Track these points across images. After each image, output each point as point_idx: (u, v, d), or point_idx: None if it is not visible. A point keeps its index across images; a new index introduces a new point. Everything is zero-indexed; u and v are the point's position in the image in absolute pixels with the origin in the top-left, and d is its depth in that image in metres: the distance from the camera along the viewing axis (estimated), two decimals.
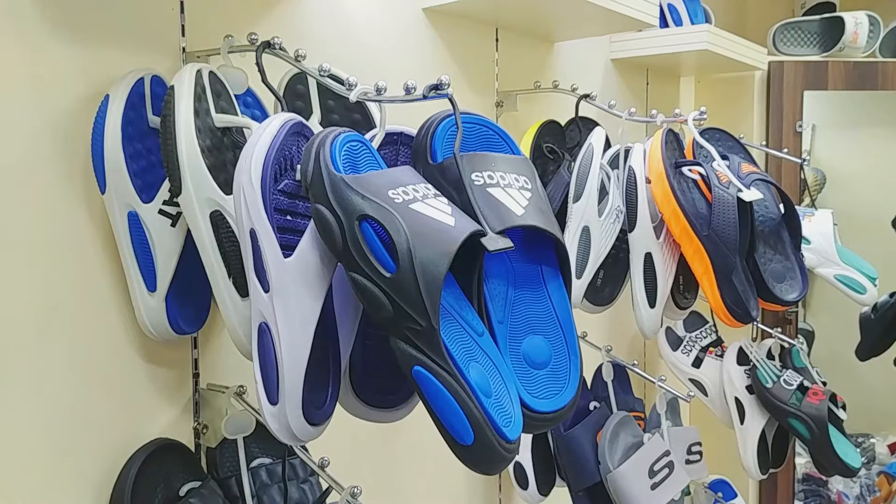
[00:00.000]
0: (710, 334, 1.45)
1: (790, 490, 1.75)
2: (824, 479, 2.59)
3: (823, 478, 2.60)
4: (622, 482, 0.93)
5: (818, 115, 1.88)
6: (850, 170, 2.05)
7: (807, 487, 2.42)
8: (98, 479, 0.66)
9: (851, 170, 2.05)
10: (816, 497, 2.45)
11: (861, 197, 1.99)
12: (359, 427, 0.86)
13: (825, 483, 2.56)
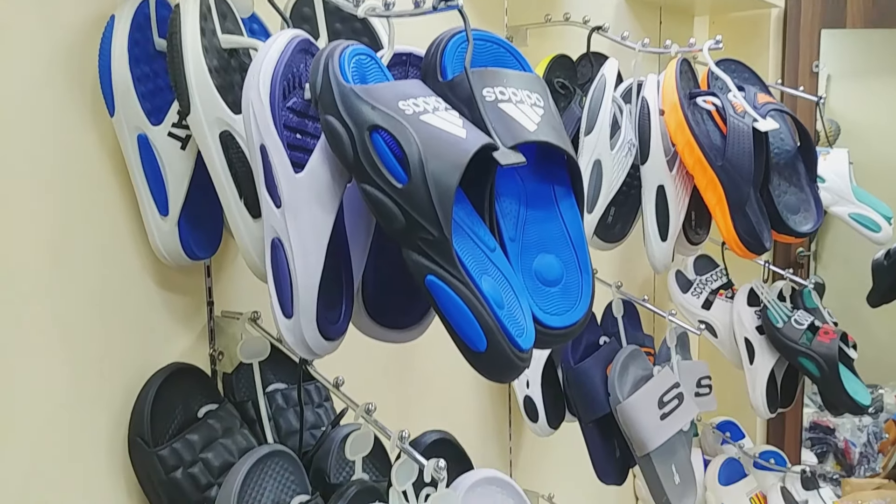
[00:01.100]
0: (720, 277, 1.45)
1: (798, 434, 1.77)
2: (831, 426, 2.61)
3: (830, 425, 2.62)
4: (632, 412, 0.94)
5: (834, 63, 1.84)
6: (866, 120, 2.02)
7: (813, 435, 2.43)
8: (117, 402, 0.67)
9: (867, 120, 2.02)
10: (823, 444, 2.47)
11: (877, 148, 1.97)
12: (371, 353, 0.87)
13: (832, 431, 2.58)
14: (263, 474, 0.65)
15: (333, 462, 0.70)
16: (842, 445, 2.47)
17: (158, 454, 0.65)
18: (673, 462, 0.99)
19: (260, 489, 0.64)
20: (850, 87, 1.99)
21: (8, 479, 0.59)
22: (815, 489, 1.40)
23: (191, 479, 0.66)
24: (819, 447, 2.41)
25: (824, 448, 2.45)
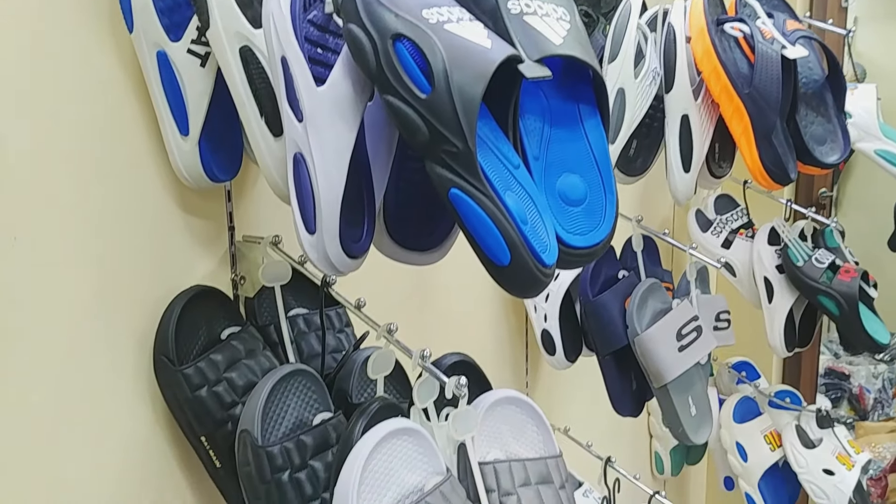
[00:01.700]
0: (740, 217, 1.44)
1: (813, 375, 1.77)
2: (846, 373, 2.62)
3: (846, 372, 2.63)
4: (650, 344, 0.94)
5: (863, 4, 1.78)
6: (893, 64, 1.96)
7: (828, 381, 2.44)
8: (141, 323, 0.68)
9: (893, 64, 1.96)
10: (838, 390, 2.47)
11: None
12: (389, 284, 0.87)
13: (847, 377, 2.58)
14: (287, 392, 0.65)
15: (355, 383, 0.70)
16: (856, 391, 2.48)
17: (183, 372, 0.66)
18: (690, 394, 0.99)
19: (283, 406, 0.65)
20: (877, 30, 1.93)
21: (36, 399, 0.60)
22: (829, 427, 1.40)
23: (215, 397, 0.67)
24: (833, 393, 2.42)
25: (839, 394, 2.45)
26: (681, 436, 0.99)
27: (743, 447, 1.40)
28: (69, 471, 0.62)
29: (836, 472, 1.34)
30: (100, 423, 0.65)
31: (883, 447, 2.00)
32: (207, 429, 0.67)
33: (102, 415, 0.65)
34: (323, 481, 0.63)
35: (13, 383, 0.58)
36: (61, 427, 0.62)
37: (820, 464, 1.35)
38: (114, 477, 0.66)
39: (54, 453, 0.61)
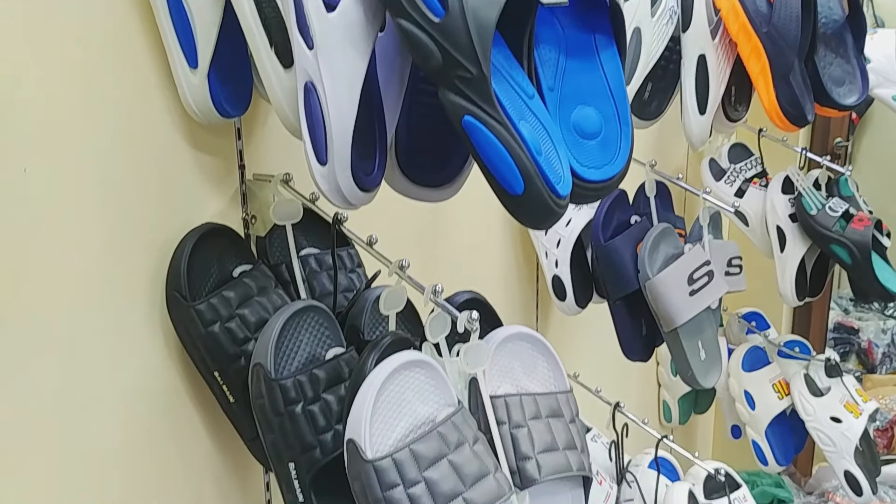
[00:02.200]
0: (754, 166, 1.42)
1: (823, 327, 1.77)
2: (855, 327, 2.62)
3: (855, 326, 2.63)
4: (661, 288, 0.94)
5: None
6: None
7: (837, 336, 2.44)
8: (153, 259, 0.68)
9: None
10: (847, 344, 2.48)
11: None
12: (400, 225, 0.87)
13: (856, 331, 2.58)
14: (299, 328, 0.66)
15: (367, 320, 0.71)
16: (865, 345, 2.48)
17: (196, 308, 0.67)
18: (700, 339, 0.99)
19: (296, 341, 0.66)
20: None
21: (48, 336, 0.60)
22: (837, 377, 1.41)
23: (228, 333, 0.67)
24: (842, 347, 2.42)
25: (847, 348, 2.46)
26: (690, 379, 0.99)
27: (751, 395, 1.41)
28: (82, 407, 0.63)
29: (843, 420, 1.35)
30: (113, 359, 0.65)
31: (890, 399, 2.01)
32: (220, 364, 0.68)
33: (115, 351, 0.66)
34: (336, 414, 0.64)
35: (24, 320, 0.59)
36: (74, 363, 0.62)
37: (827, 412, 1.36)
38: (128, 413, 0.67)
39: (67, 390, 0.62)
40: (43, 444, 0.61)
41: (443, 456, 0.57)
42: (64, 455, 0.62)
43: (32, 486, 0.60)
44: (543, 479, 0.61)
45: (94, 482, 0.64)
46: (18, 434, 0.59)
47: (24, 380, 0.59)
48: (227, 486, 0.78)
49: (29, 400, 0.59)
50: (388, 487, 0.55)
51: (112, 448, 0.66)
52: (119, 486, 0.67)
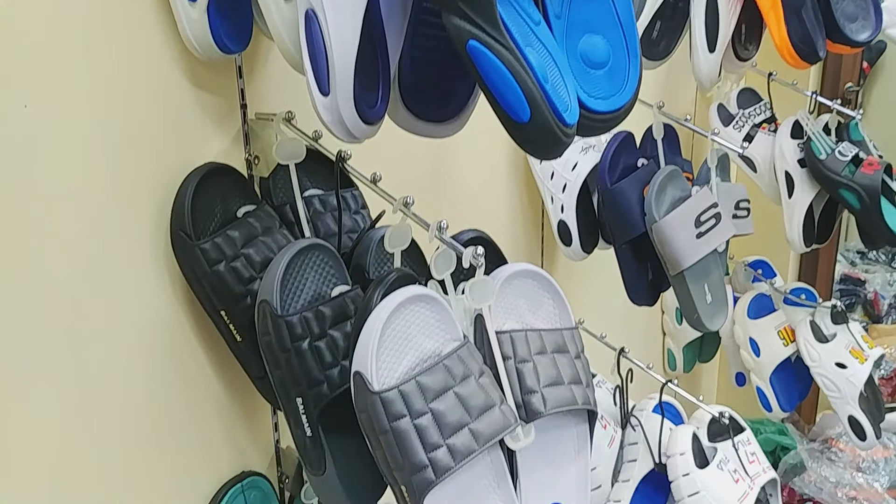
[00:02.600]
0: (763, 111, 1.40)
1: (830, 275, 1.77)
2: (862, 279, 2.61)
3: (861, 278, 2.62)
4: (667, 231, 0.94)
5: None
6: None
7: (844, 287, 2.44)
8: (156, 198, 0.68)
9: None
10: (853, 296, 2.48)
11: None
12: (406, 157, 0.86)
13: (862, 283, 2.58)
14: (304, 266, 0.66)
15: (372, 260, 0.70)
16: (871, 297, 2.48)
17: (201, 247, 0.67)
18: (706, 282, 0.99)
19: (301, 279, 0.65)
20: None
21: (52, 275, 0.60)
22: (843, 323, 1.41)
23: (233, 272, 0.67)
24: (848, 298, 2.42)
25: (853, 299, 2.46)
26: (696, 323, 0.99)
27: (756, 342, 1.42)
28: (89, 348, 0.63)
29: (848, 366, 1.35)
30: (118, 299, 0.66)
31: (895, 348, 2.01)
32: (227, 303, 0.68)
33: (121, 291, 0.66)
34: (342, 350, 0.64)
35: (28, 260, 0.58)
36: (79, 304, 0.62)
37: (833, 358, 1.36)
38: (134, 353, 0.67)
39: (74, 331, 0.62)
40: (50, 382, 0.61)
41: (449, 388, 0.57)
42: (71, 393, 0.63)
43: (39, 421, 0.61)
44: (549, 412, 0.61)
45: (100, 420, 0.65)
46: (27, 371, 0.59)
47: (32, 319, 0.59)
48: (236, 427, 0.79)
49: (36, 337, 0.60)
50: (394, 418, 0.55)
51: (119, 388, 0.66)
52: (126, 425, 0.67)
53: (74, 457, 0.64)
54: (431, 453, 0.55)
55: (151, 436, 0.70)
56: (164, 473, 0.72)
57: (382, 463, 0.57)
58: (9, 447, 0.59)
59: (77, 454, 0.64)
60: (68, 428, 0.63)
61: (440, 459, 0.55)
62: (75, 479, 0.64)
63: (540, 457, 0.64)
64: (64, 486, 0.63)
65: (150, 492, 0.70)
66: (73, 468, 0.64)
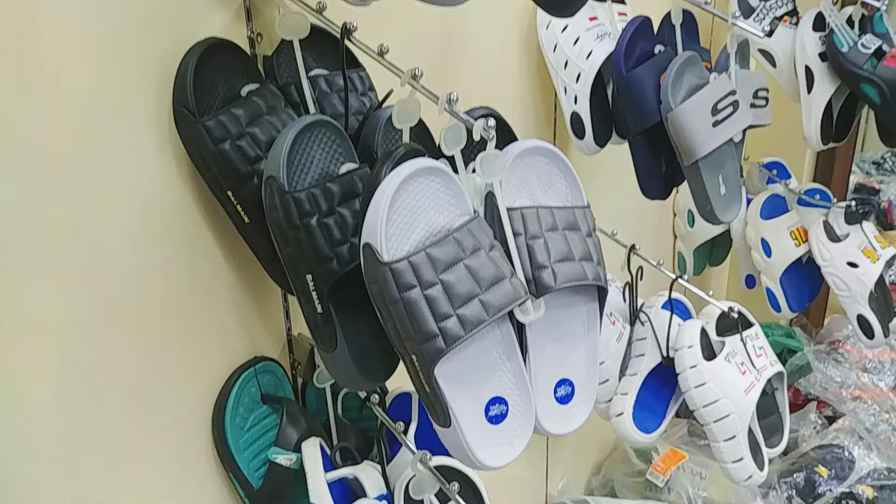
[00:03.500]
0: (785, 3, 1.34)
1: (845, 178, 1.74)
2: (876, 187, 2.58)
3: (875, 186, 2.59)
4: (683, 119, 0.91)
5: None
6: None
7: (858, 196, 2.42)
8: (157, 74, 0.65)
9: None
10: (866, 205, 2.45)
11: None
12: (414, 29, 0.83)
13: (877, 192, 2.55)
14: (311, 142, 0.64)
15: (380, 140, 0.69)
16: (885, 206, 2.46)
17: (205, 125, 0.65)
18: (721, 173, 0.97)
19: (308, 157, 0.64)
20: None
21: (55, 155, 0.59)
22: (857, 223, 1.39)
23: (239, 151, 0.66)
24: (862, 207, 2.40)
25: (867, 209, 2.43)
26: (709, 215, 0.98)
27: (767, 243, 1.41)
28: (95, 229, 0.63)
29: (860, 265, 1.34)
30: (122, 181, 0.64)
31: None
32: (233, 184, 0.67)
33: (126, 173, 0.64)
34: (351, 227, 0.63)
35: (27, 138, 0.57)
36: (84, 184, 0.61)
37: (844, 257, 1.35)
38: (141, 237, 0.67)
39: (79, 210, 0.61)
40: (56, 263, 0.61)
41: (459, 260, 0.57)
42: (74, 275, 0.62)
43: (45, 303, 0.61)
44: (559, 286, 0.61)
45: (107, 306, 0.65)
46: (32, 253, 0.59)
47: (34, 199, 0.58)
48: (247, 313, 0.79)
49: (39, 225, 0.59)
50: (404, 289, 0.55)
51: (126, 272, 0.66)
52: (134, 311, 0.67)
53: (85, 342, 0.64)
54: (442, 323, 0.55)
55: (161, 320, 0.70)
56: (176, 357, 0.72)
57: (393, 334, 0.57)
58: (18, 329, 0.59)
59: (87, 340, 0.64)
60: (75, 309, 0.63)
61: (450, 329, 0.55)
62: (87, 365, 0.64)
63: (549, 333, 0.65)
64: (76, 370, 0.64)
65: (163, 376, 0.71)
66: (85, 354, 0.64)
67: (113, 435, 0.68)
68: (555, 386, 0.66)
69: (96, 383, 0.65)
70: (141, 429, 0.70)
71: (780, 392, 1.16)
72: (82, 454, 0.66)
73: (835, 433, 1.48)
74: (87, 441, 0.66)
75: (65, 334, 0.62)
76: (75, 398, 0.64)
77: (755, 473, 1.08)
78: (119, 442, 0.68)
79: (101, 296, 0.64)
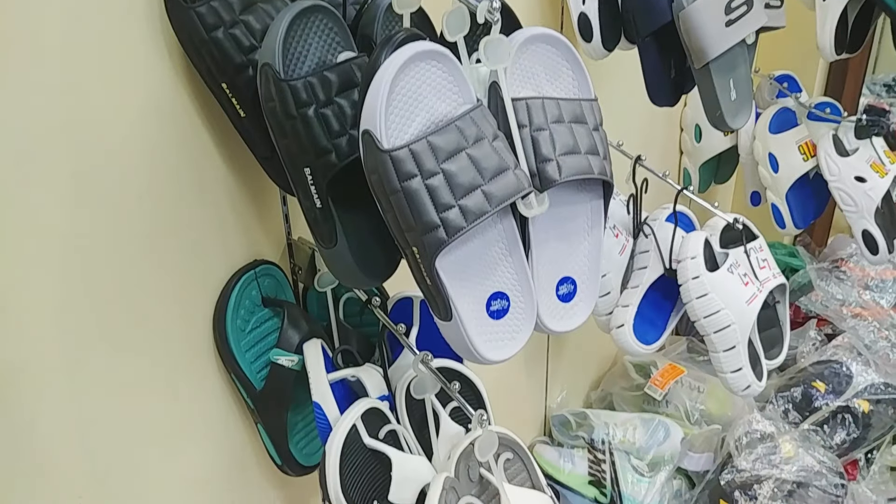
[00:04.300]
0: None
1: (856, 92, 1.70)
2: (886, 108, 2.53)
3: (885, 107, 2.54)
4: (695, 17, 0.88)
5: None
6: None
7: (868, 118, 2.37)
8: None
9: None
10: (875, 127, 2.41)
11: None
12: None
13: (886, 112, 2.50)
14: (306, 30, 0.62)
15: (379, 29, 0.66)
16: (894, 127, 2.42)
17: (196, 10, 0.62)
18: (732, 77, 0.94)
19: (304, 44, 0.62)
20: None
21: (42, 46, 0.57)
22: (867, 138, 1.37)
23: (232, 39, 0.64)
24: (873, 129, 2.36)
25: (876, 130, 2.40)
26: (718, 121, 0.96)
27: (775, 157, 1.38)
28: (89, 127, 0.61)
29: (867, 179, 1.32)
30: (117, 78, 0.62)
31: None
32: (228, 75, 0.65)
33: (119, 69, 0.62)
34: (349, 118, 0.61)
35: (11, 35, 0.55)
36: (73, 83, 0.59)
37: (852, 171, 1.33)
38: (138, 137, 0.65)
39: (71, 114, 0.59)
40: (53, 167, 0.59)
41: (461, 149, 0.55)
42: (74, 180, 0.61)
43: (42, 207, 0.59)
44: (563, 179, 0.59)
45: (105, 208, 0.64)
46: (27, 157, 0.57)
47: (26, 103, 0.56)
48: (246, 214, 0.78)
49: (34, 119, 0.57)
50: (405, 178, 0.54)
51: (122, 173, 0.64)
52: (132, 212, 0.66)
53: (84, 245, 0.63)
54: (443, 213, 0.54)
55: (160, 221, 0.69)
56: (176, 259, 0.72)
57: (394, 225, 0.56)
58: (17, 233, 0.58)
59: (86, 242, 0.63)
60: (74, 215, 0.62)
61: (452, 219, 0.54)
62: (87, 267, 0.64)
63: (553, 229, 0.63)
64: (76, 273, 0.63)
65: (163, 278, 0.71)
66: (84, 256, 0.63)
67: (114, 336, 0.68)
68: (557, 283, 0.65)
69: (96, 285, 0.65)
70: (141, 330, 0.70)
71: (781, 305, 1.16)
72: (84, 354, 0.66)
73: (833, 349, 1.49)
74: (88, 342, 0.66)
75: (64, 238, 0.62)
76: (76, 300, 0.64)
77: (753, 383, 1.09)
78: (120, 342, 0.68)
79: (98, 198, 0.63)
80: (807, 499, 1.23)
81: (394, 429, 0.76)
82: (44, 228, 0.60)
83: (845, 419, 1.38)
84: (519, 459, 0.77)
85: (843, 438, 1.37)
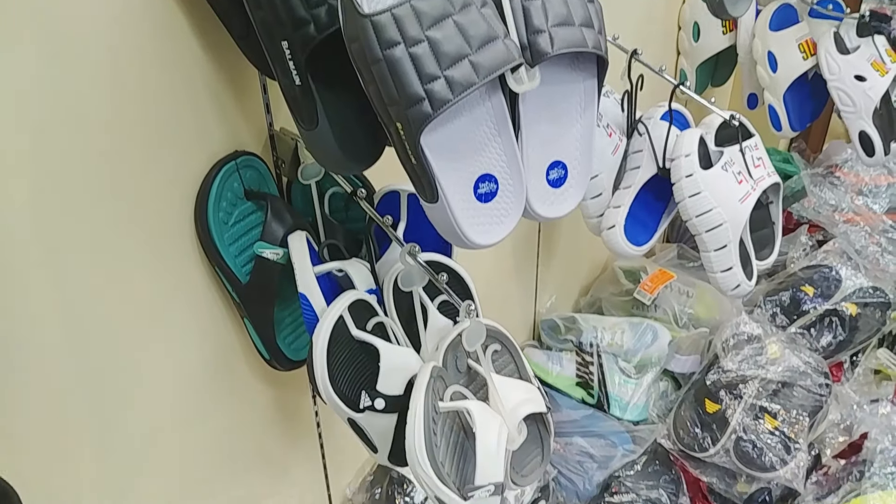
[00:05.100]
0: None
1: None
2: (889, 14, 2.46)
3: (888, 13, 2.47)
4: None
5: None
6: None
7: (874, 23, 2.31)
8: None
9: None
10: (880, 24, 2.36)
11: None
12: None
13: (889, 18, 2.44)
14: None
15: None
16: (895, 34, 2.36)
17: None
18: None
19: None
20: None
21: None
22: (869, 36, 1.32)
23: None
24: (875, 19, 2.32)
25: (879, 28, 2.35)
26: (718, 9, 0.92)
27: (774, 56, 1.34)
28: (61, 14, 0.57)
29: (867, 78, 1.29)
30: None
31: None
32: None
33: None
34: None
35: None
36: None
37: (853, 69, 1.30)
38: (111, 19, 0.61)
39: None
40: (22, 49, 0.55)
41: (447, 15, 0.52)
42: (46, 64, 0.57)
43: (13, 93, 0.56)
44: (556, 52, 0.56)
45: (77, 95, 0.60)
46: None
47: None
48: (225, 102, 0.74)
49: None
50: (387, 46, 0.50)
51: (95, 58, 0.60)
52: (107, 99, 0.62)
53: (56, 133, 0.60)
54: (428, 85, 0.51)
55: (136, 107, 0.65)
56: (153, 149, 0.68)
57: (376, 99, 0.54)
58: None
59: (58, 131, 0.60)
60: (45, 101, 0.58)
61: (437, 91, 0.51)
62: (60, 159, 0.60)
63: (544, 110, 0.61)
64: (48, 165, 0.60)
65: (140, 168, 0.68)
66: (56, 146, 0.60)
67: (92, 233, 0.65)
68: (547, 168, 0.63)
69: (70, 178, 0.62)
70: (121, 225, 0.68)
71: (774, 205, 1.14)
72: (64, 255, 0.63)
73: (824, 254, 1.49)
74: (66, 241, 0.63)
75: (36, 126, 0.58)
76: (50, 195, 0.61)
77: (743, 283, 1.09)
78: (99, 241, 0.66)
79: (71, 84, 0.59)
80: (791, 397, 1.26)
81: (381, 321, 0.76)
82: (12, 112, 0.57)
83: (832, 322, 1.39)
84: (507, 351, 0.77)
85: (829, 341, 1.39)
